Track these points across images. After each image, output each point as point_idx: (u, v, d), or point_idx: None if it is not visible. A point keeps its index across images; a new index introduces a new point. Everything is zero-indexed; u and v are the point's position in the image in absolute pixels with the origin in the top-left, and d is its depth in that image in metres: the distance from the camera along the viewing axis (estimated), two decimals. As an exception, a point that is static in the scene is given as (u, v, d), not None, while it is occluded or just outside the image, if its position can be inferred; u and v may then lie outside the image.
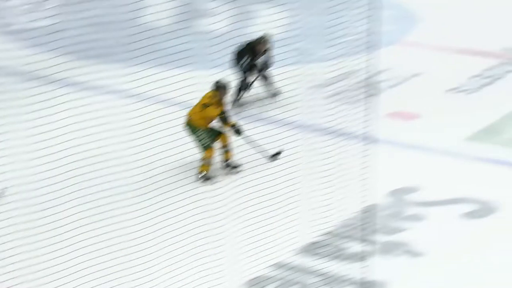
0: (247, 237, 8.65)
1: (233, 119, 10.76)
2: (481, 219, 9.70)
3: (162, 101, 9.13)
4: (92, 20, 8.71)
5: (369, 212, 8.94)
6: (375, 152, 9.43)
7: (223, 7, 10.81)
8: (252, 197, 8.97)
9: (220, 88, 10.48)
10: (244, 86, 12.19)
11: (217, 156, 10.59)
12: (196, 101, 10.35)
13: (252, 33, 11.84)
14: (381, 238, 9.28)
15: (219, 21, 10.22)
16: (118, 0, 8.62)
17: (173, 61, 8.42)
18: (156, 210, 8.42)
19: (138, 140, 8.32)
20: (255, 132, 10.60)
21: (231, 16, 11.46)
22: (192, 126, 10.37)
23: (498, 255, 9.01)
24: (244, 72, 12.10)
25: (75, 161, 7.81)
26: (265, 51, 12.10)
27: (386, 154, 10.80)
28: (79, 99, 8.09)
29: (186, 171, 9.22)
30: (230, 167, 10.64)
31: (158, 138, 8.31)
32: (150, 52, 8.34)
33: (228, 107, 10.87)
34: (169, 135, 8.31)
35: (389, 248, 9.17)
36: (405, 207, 9.95)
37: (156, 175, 8.76)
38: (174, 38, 8.76)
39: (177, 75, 8.59)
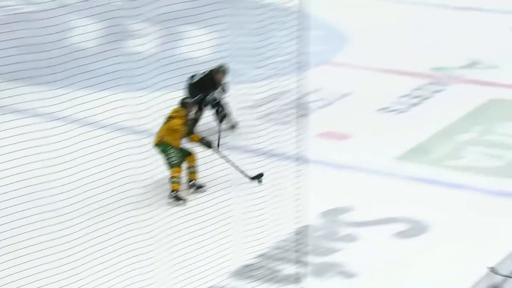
0: (180, 261, 8.57)
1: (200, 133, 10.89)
2: (413, 238, 9.78)
3: (91, 123, 9.03)
4: (17, 41, 8.59)
5: (302, 233, 8.95)
6: (308, 172, 9.48)
7: (151, 28, 10.79)
8: (184, 220, 8.91)
9: (186, 104, 10.71)
10: (198, 119, 11.99)
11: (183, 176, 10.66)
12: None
13: (181, 54, 11.82)
14: (314, 259, 9.28)
15: (147, 42, 10.18)
16: (44, 21, 8.51)
17: (101, 82, 8.35)
18: (86, 235, 8.31)
19: (66, 164, 8.20)
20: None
21: (159, 37, 11.46)
22: (163, 144, 10.52)
23: (431, 274, 9.08)
24: (212, 107, 11.88)
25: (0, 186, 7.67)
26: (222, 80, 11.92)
27: (318, 174, 10.88)
28: (4, 123, 7.96)
29: (116, 194, 9.13)
30: (195, 187, 10.70)
31: (87, 162, 8.22)
32: (78, 74, 8.25)
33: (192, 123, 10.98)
34: (97, 158, 8.22)
35: (323, 270, 9.18)
36: (338, 228, 9.99)
37: (85, 198, 8.64)
38: (102, 60, 8.68)
39: (105, 97, 8.53)
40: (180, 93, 11.37)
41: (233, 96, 11.62)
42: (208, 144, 10.78)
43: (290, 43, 9.48)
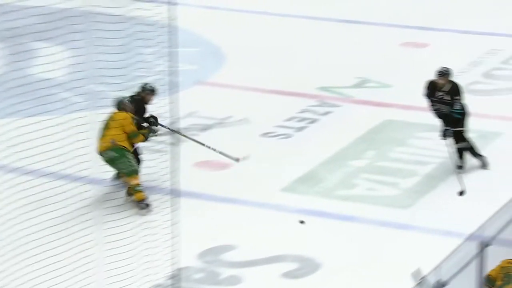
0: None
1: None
2: (303, 278, 9.79)
3: None
4: None
5: (178, 277, 8.82)
6: (183, 207, 9.38)
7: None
8: (35, 268, 8.61)
9: (123, 105, 11.14)
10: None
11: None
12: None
13: (33, 75, 11.48)
14: (193, 306, 9.23)
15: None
16: None
17: None
18: None
19: None
20: (40, 189, 10.23)
21: (5, 56, 11.11)
22: (118, 149, 10.83)
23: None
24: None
25: None
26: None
27: (195, 209, 10.84)
28: None
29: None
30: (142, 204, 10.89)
31: None
32: None
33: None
34: None
35: (203, 317, 9.11)
36: (219, 269, 9.92)
37: None
38: None
39: None
40: (35, 119, 11.08)
41: (93, 122, 11.32)
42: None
43: (159, 61, 9.44)
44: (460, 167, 11.95)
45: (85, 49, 11.10)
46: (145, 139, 11.20)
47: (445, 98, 11.86)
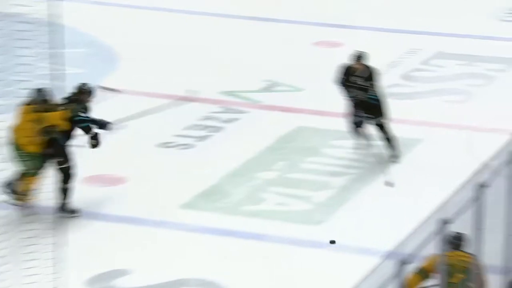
0: None
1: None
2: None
3: None
4: None
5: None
6: (68, 227, 9.33)
7: None
8: None
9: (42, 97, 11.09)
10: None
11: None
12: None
13: None
14: None
15: None
16: None
17: None
18: None
19: None
20: None
21: None
22: (16, 150, 10.89)
23: None
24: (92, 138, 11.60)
25: None
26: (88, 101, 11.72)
27: (84, 229, 10.73)
28: None
29: None
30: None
31: None
32: None
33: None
34: None
35: None
36: (111, 297, 9.87)
37: None
38: None
39: None
40: None
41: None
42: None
43: (41, 63, 9.36)
44: (395, 156, 12.22)
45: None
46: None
47: (360, 83, 12.13)
